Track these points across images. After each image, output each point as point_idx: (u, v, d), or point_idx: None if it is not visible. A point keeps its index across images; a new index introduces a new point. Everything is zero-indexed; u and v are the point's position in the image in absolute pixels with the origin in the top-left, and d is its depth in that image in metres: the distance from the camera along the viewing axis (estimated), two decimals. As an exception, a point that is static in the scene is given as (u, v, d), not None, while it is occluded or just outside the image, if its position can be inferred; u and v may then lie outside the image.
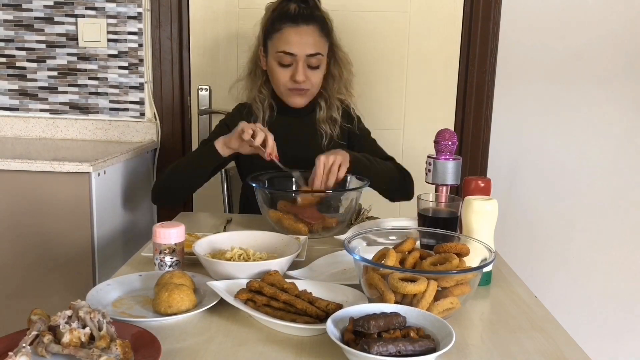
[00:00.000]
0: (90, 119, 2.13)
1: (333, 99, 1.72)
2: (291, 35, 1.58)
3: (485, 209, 1.08)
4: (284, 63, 1.60)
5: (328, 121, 1.71)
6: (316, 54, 1.59)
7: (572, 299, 2.20)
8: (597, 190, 2.14)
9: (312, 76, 1.62)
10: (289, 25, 1.59)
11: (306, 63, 1.60)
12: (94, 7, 2.05)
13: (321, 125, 1.70)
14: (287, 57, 1.58)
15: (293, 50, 1.58)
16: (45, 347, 0.77)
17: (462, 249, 1.01)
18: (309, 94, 1.66)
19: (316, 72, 1.63)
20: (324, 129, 1.70)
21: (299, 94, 1.64)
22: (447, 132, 1.30)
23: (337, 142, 1.71)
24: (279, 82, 1.63)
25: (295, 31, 1.58)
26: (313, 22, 1.60)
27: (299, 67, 1.59)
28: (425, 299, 0.89)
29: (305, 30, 1.59)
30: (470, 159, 2.12)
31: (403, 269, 0.98)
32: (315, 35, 1.60)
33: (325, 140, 1.70)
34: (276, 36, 1.60)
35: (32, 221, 1.67)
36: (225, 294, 0.94)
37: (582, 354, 0.85)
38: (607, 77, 2.07)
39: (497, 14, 2.04)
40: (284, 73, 1.61)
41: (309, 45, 1.58)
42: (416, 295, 0.90)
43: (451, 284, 0.93)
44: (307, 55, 1.59)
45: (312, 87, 1.64)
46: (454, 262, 0.96)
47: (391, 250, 0.99)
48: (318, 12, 1.64)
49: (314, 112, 1.72)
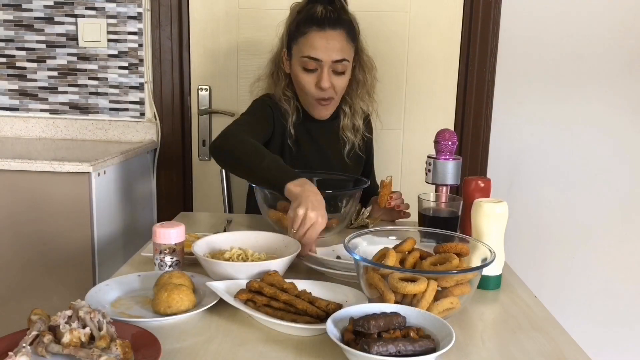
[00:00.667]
0: (90, 119, 2.13)
1: (357, 105, 1.69)
2: (317, 40, 1.52)
3: (495, 212, 1.07)
4: (308, 68, 1.54)
5: (351, 129, 1.68)
6: (342, 60, 1.54)
7: (573, 299, 2.20)
8: (597, 190, 2.14)
9: (337, 83, 1.57)
10: (315, 29, 1.52)
11: (332, 69, 1.54)
12: (94, 7, 2.05)
13: (345, 132, 1.68)
14: (312, 62, 1.53)
15: (319, 56, 1.52)
16: (45, 347, 0.77)
17: (462, 249, 1.01)
18: (334, 104, 1.62)
19: (341, 78, 1.58)
20: (348, 136, 1.68)
21: (324, 106, 1.60)
22: (447, 132, 1.30)
23: (357, 152, 1.71)
24: (304, 89, 1.58)
25: (322, 35, 1.52)
26: (340, 27, 1.54)
27: (324, 74, 1.53)
28: (425, 299, 0.90)
29: (332, 35, 1.53)
30: (470, 159, 2.12)
31: (403, 269, 0.98)
32: (342, 41, 1.54)
33: (347, 147, 1.68)
34: (301, 40, 1.55)
35: (32, 221, 1.67)
36: (225, 294, 0.94)
37: (582, 354, 0.85)
38: (607, 77, 2.07)
39: (497, 14, 2.04)
40: (309, 78, 1.56)
41: (335, 50, 1.53)
42: (416, 295, 0.90)
43: (451, 284, 0.93)
44: (333, 62, 1.53)
45: (337, 94, 1.60)
46: (453, 262, 0.97)
47: (391, 250, 0.99)
48: (345, 16, 1.58)
49: (337, 118, 1.69)
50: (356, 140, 1.69)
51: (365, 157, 1.77)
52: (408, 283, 0.90)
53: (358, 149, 1.70)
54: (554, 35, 2.05)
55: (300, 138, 1.63)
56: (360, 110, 1.70)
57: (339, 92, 1.60)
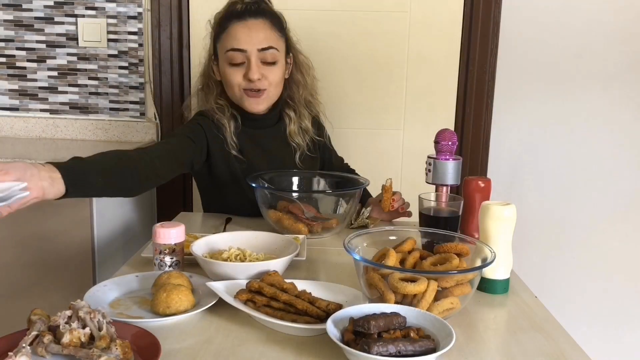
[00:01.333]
0: (90, 119, 2.13)
1: (301, 107, 1.61)
2: (238, 31, 1.45)
3: (503, 215, 1.06)
4: (235, 62, 1.46)
5: (299, 133, 1.60)
6: (269, 48, 1.46)
7: (573, 299, 2.20)
8: (597, 190, 2.14)
9: (268, 74, 1.48)
10: (236, 21, 1.46)
11: (260, 59, 1.46)
12: (94, 7, 2.05)
13: (293, 138, 1.60)
14: (237, 54, 1.45)
15: (242, 46, 1.44)
16: (45, 347, 0.77)
17: (462, 249, 1.02)
18: (267, 97, 1.51)
19: (272, 69, 1.48)
20: (296, 142, 1.60)
21: (255, 97, 1.50)
22: (447, 132, 1.30)
23: (309, 155, 1.64)
24: (233, 85, 1.48)
25: (243, 25, 1.45)
26: (262, 16, 1.48)
27: (252, 64, 1.45)
28: (425, 299, 0.90)
29: (254, 23, 1.46)
30: (470, 159, 2.12)
31: (403, 269, 0.99)
32: (266, 29, 1.47)
33: (298, 152, 1.61)
34: (223, 36, 1.48)
35: (32, 221, 1.66)
36: (225, 294, 0.94)
37: (582, 354, 0.85)
38: (607, 77, 2.07)
39: (497, 14, 2.03)
40: (237, 73, 1.47)
41: (260, 39, 1.45)
42: (416, 295, 0.90)
43: (451, 284, 0.93)
44: (259, 50, 1.45)
45: (270, 86, 1.49)
46: (454, 262, 0.97)
47: (391, 250, 1.00)
48: (266, 7, 1.52)
49: (282, 121, 1.61)
50: (305, 143, 1.62)
51: (319, 156, 1.70)
52: (408, 283, 0.90)
53: (308, 151, 1.63)
54: (554, 35, 2.05)
55: (245, 147, 1.54)
56: (306, 112, 1.63)
57: (274, 84, 1.50)
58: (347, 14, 2.06)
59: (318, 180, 1.59)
